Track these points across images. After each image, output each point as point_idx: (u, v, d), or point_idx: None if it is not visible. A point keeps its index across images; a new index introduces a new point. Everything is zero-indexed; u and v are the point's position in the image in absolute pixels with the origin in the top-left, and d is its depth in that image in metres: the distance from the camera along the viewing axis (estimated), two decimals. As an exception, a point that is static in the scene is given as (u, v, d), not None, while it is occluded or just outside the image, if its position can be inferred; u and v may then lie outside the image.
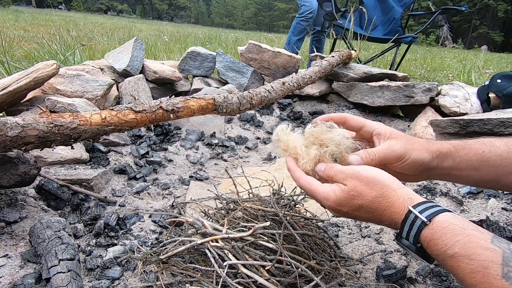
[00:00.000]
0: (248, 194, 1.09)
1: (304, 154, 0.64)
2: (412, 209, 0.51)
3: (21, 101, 1.51)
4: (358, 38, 2.73)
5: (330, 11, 3.29)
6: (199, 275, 0.81)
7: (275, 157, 1.78)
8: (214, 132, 1.90)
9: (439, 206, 0.52)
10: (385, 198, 0.54)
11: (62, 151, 1.31)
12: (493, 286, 0.41)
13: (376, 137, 0.65)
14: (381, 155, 0.61)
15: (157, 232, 1.11)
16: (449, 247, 0.46)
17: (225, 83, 2.34)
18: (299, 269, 0.73)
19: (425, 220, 0.49)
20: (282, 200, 1.02)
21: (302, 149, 0.65)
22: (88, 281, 0.85)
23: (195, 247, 0.80)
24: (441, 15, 3.26)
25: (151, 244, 1.04)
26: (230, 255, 0.76)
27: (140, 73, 2.07)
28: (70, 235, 0.93)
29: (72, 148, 1.05)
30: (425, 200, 0.54)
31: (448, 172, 0.60)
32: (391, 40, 2.84)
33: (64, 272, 0.77)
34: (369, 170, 0.57)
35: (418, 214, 0.50)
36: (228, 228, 0.83)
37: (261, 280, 0.71)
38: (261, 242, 0.78)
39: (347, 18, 3.36)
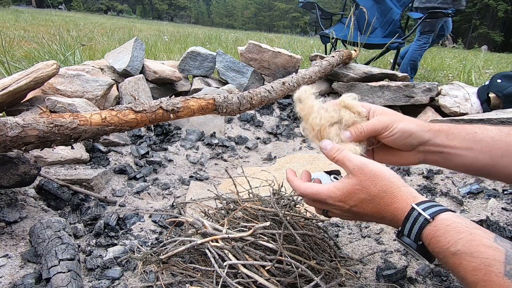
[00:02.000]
0: (248, 194, 1.09)
1: (317, 113, 0.65)
2: (415, 206, 0.52)
3: (21, 101, 1.51)
4: (358, 45, 2.73)
5: (315, 19, 3.28)
6: (199, 275, 0.81)
7: (275, 157, 1.78)
8: (214, 132, 1.90)
9: (442, 206, 0.52)
10: (389, 194, 0.55)
11: (62, 151, 1.31)
12: (494, 284, 0.41)
13: (371, 114, 0.67)
14: (370, 127, 0.64)
15: (157, 232, 1.11)
16: (452, 244, 0.46)
17: (225, 83, 2.34)
18: (299, 269, 0.73)
19: (428, 217, 0.50)
20: (282, 200, 1.02)
21: (317, 108, 0.65)
22: (88, 281, 0.85)
23: (195, 247, 0.80)
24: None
25: (151, 244, 1.04)
26: (230, 255, 0.76)
27: (140, 73, 2.07)
28: (70, 235, 0.93)
29: (72, 148, 1.05)
30: (427, 199, 0.54)
31: (442, 150, 0.60)
32: (386, 45, 2.84)
33: (64, 272, 0.77)
34: (375, 165, 0.57)
35: (422, 211, 0.51)
36: (228, 228, 0.83)
37: (261, 280, 0.71)
38: (261, 242, 0.78)
39: (345, 23, 3.35)
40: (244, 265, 0.73)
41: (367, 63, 3.07)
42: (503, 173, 0.57)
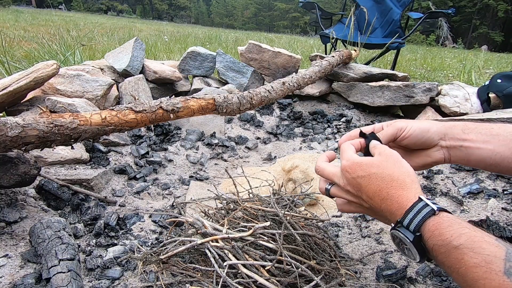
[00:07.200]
0: (248, 194, 1.09)
1: None
2: (422, 197, 0.52)
3: (21, 101, 1.51)
4: (358, 45, 2.73)
5: (315, 19, 3.28)
6: (199, 275, 0.81)
7: (275, 157, 1.78)
8: (214, 132, 1.90)
9: (443, 207, 0.53)
10: (401, 180, 0.55)
11: (62, 151, 1.31)
12: (494, 281, 0.41)
13: (384, 127, 0.70)
14: (386, 133, 0.66)
15: (157, 232, 1.11)
16: (455, 238, 0.46)
17: (225, 83, 2.34)
18: (299, 269, 0.73)
19: (435, 208, 0.50)
20: (282, 200, 1.02)
21: None
22: (88, 281, 0.85)
23: (195, 247, 0.80)
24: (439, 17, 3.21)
25: (151, 244, 1.04)
26: (230, 255, 0.76)
27: (140, 73, 2.07)
28: (70, 235, 0.93)
29: (72, 148, 1.05)
30: (430, 199, 0.54)
31: (461, 144, 0.61)
32: (386, 45, 2.84)
33: (64, 272, 0.77)
34: (395, 152, 0.59)
35: (428, 202, 0.51)
36: (228, 228, 0.83)
37: (261, 280, 0.71)
38: (261, 242, 0.78)
39: (345, 23, 3.35)
40: (244, 265, 0.73)
41: (367, 63, 3.07)
42: None
